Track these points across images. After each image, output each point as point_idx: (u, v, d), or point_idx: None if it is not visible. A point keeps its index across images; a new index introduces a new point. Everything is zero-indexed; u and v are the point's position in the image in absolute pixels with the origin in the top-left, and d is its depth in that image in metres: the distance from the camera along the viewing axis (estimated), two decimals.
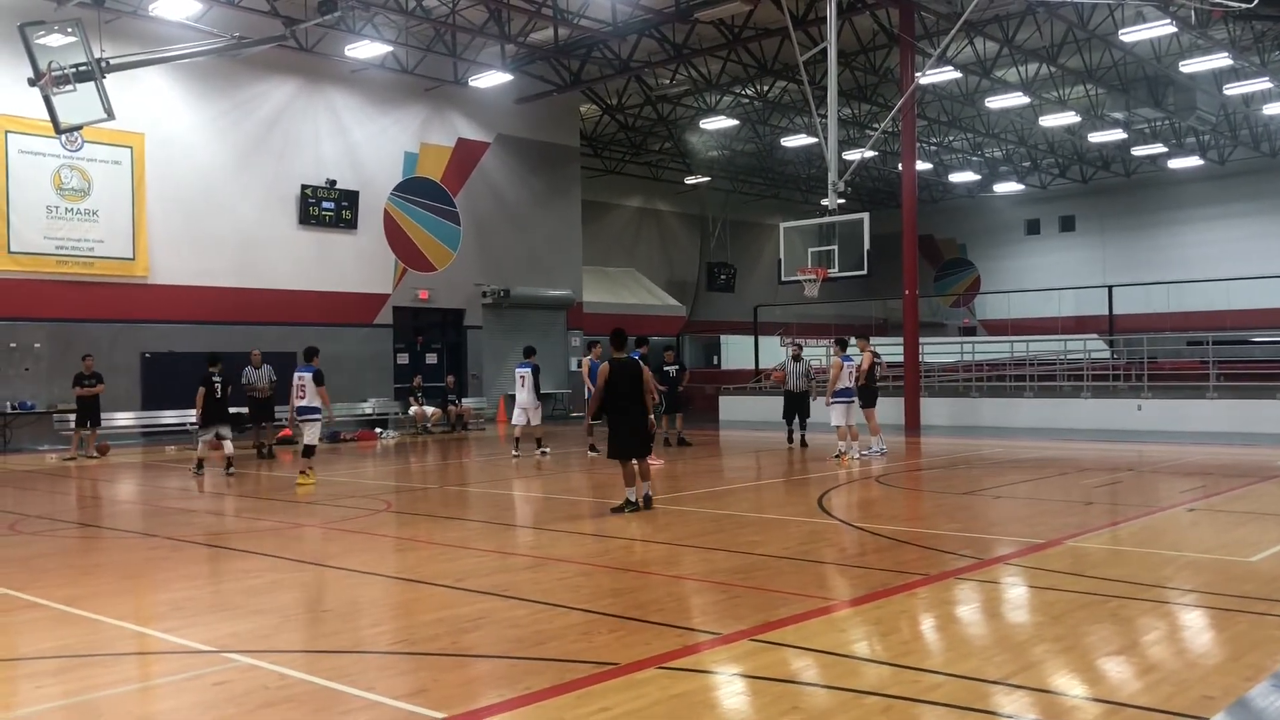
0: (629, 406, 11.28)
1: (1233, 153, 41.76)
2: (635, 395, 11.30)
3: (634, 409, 11.30)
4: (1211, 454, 17.52)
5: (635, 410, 11.31)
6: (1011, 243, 51.32)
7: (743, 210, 48.90)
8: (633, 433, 11.26)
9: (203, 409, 16.68)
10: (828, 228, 20.95)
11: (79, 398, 20.01)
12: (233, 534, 10.60)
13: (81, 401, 19.97)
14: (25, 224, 21.97)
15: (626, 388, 11.25)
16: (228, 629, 6.66)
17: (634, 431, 11.27)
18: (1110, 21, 26.45)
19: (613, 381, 11.25)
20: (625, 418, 11.29)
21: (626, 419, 11.28)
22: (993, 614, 7.11)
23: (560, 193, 33.18)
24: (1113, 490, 13.49)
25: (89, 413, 20.03)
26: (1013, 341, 30.45)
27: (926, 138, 39.49)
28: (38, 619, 7.13)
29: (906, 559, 8.75)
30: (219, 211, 24.92)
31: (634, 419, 11.29)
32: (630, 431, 11.25)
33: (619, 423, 11.31)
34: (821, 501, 12.36)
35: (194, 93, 24.66)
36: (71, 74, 15.34)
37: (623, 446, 11.29)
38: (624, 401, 11.26)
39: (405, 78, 28.28)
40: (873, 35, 28.17)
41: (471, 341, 30.43)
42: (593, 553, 9.35)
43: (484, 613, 6.97)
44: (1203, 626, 6.61)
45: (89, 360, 20.35)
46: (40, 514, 12.91)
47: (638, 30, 26.30)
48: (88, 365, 20.24)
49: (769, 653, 5.95)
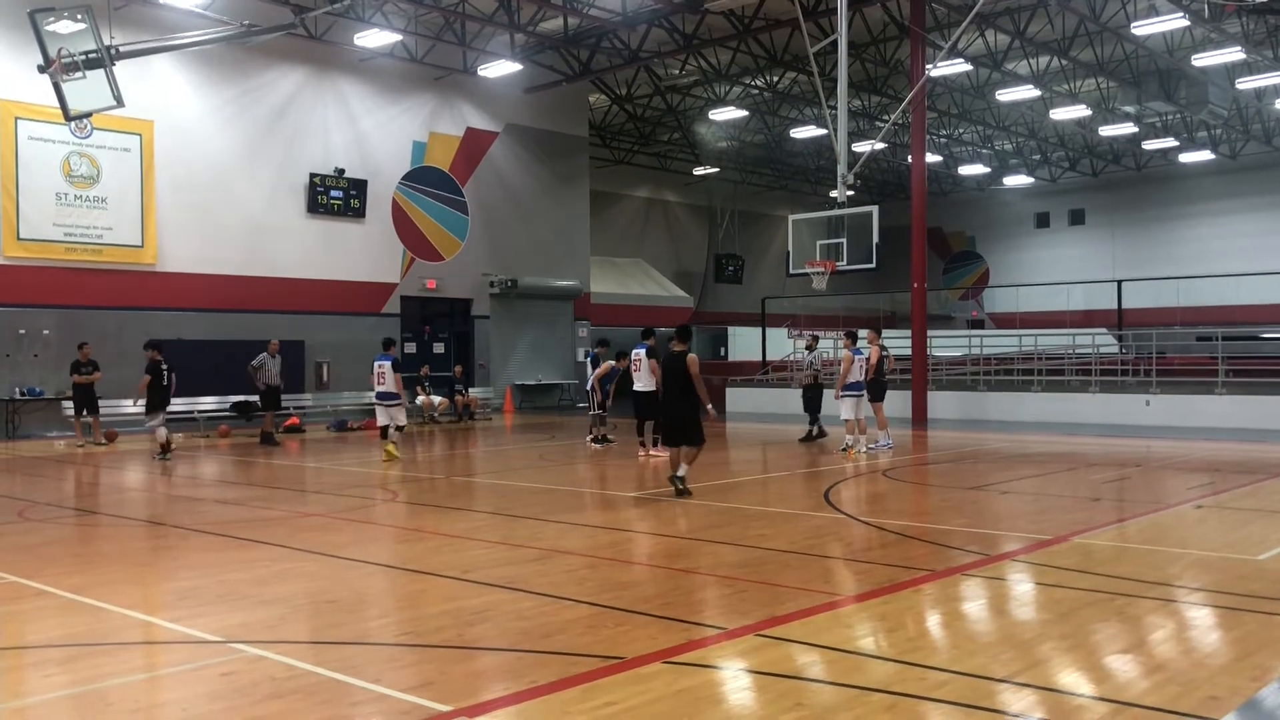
0: (678, 397, 12.22)
1: (1244, 147, 41.57)
2: (685, 387, 12.10)
3: (682, 400, 12.16)
4: (1220, 450, 17.47)
5: (684, 401, 12.16)
6: (1021, 236, 51.18)
7: (751, 202, 48.82)
8: (681, 421, 12.18)
9: (152, 395, 17.33)
10: (836, 220, 20.89)
11: (76, 385, 20.08)
12: (240, 523, 10.62)
13: (79, 389, 20.03)
14: (34, 211, 22.00)
15: (673, 380, 12.23)
16: (235, 619, 6.68)
17: (682, 420, 12.17)
18: (1123, 14, 26.31)
19: (666, 372, 12.49)
20: (674, 407, 12.30)
21: (674, 409, 12.30)
22: (999, 611, 7.10)
23: (568, 183, 33.15)
24: (1120, 486, 13.46)
25: (86, 400, 20.09)
26: (1021, 335, 30.37)
27: (936, 130, 39.37)
28: (45, 607, 7.16)
29: (913, 554, 8.74)
30: (227, 199, 24.94)
31: (682, 409, 12.17)
32: (680, 420, 12.20)
33: (671, 411, 12.41)
34: (828, 495, 12.36)
35: (203, 80, 24.66)
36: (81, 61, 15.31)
37: (673, 434, 12.35)
38: (674, 392, 12.31)
39: (414, 66, 28.25)
40: (883, 27, 28.07)
41: (479, 331, 30.45)
42: (599, 545, 9.35)
43: (490, 605, 6.98)
44: (1210, 625, 6.59)
45: (86, 348, 20.38)
46: (48, 501, 12.96)
47: (648, 20, 26.23)
48: (84, 353, 20.28)
49: (774, 648, 5.95)
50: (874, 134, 33.98)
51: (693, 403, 12.16)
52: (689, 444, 12.15)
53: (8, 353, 21.81)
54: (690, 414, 12.15)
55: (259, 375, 20.35)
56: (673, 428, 12.34)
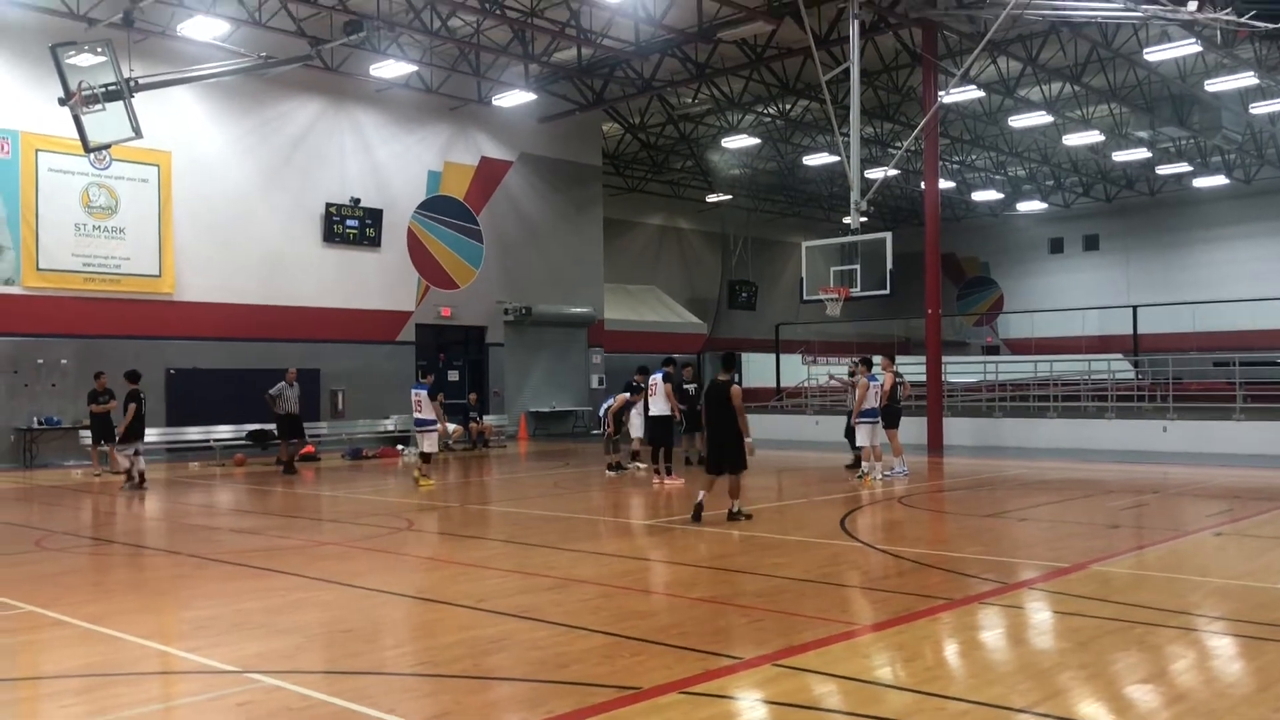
0: (720, 425, 12.27)
1: (1259, 171, 41.48)
2: (727, 415, 12.13)
3: (724, 427, 12.19)
4: (1239, 476, 17.34)
5: (726, 428, 12.18)
6: (1035, 261, 51.10)
7: (764, 228, 48.92)
8: (722, 449, 12.25)
9: (132, 424, 17.82)
10: (850, 246, 20.90)
11: (93, 414, 20.16)
12: (256, 552, 10.64)
13: (96, 418, 20.13)
14: (54, 241, 22.21)
15: (714, 408, 12.31)
16: (251, 648, 6.68)
17: (723, 448, 12.24)
18: (1134, 41, 26.36)
19: (707, 400, 12.63)
20: (712, 435, 12.46)
21: (716, 436, 12.37)
22: (1017, 640, 7.05)
23: (582, 211, 33.30)
24: (1138, 513, 13.37)
25: (104, 429, 20.19)
26: (1036, 361, 30.25)
27: (949, 156, 39.43)
28: (62, 637, 7.18)
29: (930, 583, 8.69)
30: (244, 229, 25.13)
31: (722, 436, 12.23)
32: (721, 448, 12.27)
33: (710, 438, 12.53)
34: (844, 523, 12.31)
35: (221, 111, 24.91)
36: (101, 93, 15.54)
37: (712, 461, 12.44)
38: (716, 420, 12.34)
39: (429, 97, 28.48)
40: (895, 54, 28.18)
41: (493, 358, 30.52)
42: (614, 574, 9.33)
43: (506, 634, 6.97)
44: (1231, 655, 6.53)
45: (102, 378, 20.36)
46: (65, 530, 13.02)
47: (660, 50, 26.40)
48: (101, 383, 20.27)
49: (791, 678, 5.92)
50: (887, 160, 34.06)
51: (735, 431, 12.15)
52: (730, 471, 12.21)
53: (26, 382, 21.96)
54: (732, 441, 12.16)
55: (277, 404, 20.41)
56: (714, 454, 12.39)
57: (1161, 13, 18.15)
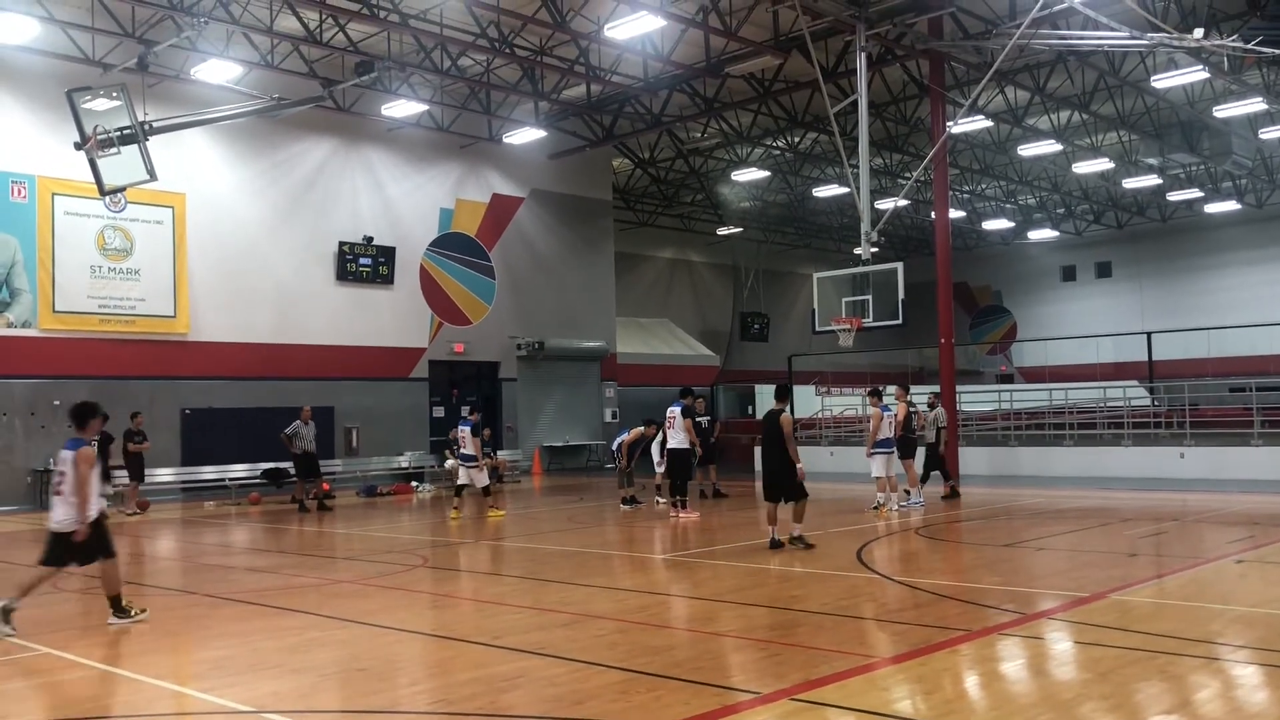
0: (772, 452, 12.73)
1: (1270, 196, 41.40)
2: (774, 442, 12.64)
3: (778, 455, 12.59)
4: (1258, 503, 17.17)
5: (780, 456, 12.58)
6: (1047, 289, 51.00)
7: (775, 260, 48.99)
8: (774, 475, 12.69)
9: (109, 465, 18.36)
10: (861, 277, 20.89)
11: (130, 454, 20.23)
12: (271, 591, 10.62)
13: (132, 458, 20.25)
14: (70, 284, 22.38)
15: (768, 436, 12.77)
16: (266, 688, 6.66)
17: (774, 475, 12.67)
18: (1142, 68, 26.42)
19: (764, 430, 12.99)
20: (766, 462, 12.93)
21: (766, 463, 12.90)
22: (1038, 671, 6.98)
23: (593, 245, 33.43)
24: (1157, 541, 13.26)
25: (138, 469, 20.39)
26: (1051, 389, 30.12)
27: (959, 186, 39.48)
28: (78, 679, 7.17)
29: (948, 614, 8.62)
30: (258, 269, 25.30)
31: (774, 463, 12.68)
32: (772, 475, 12.72)
33: (763, 467, 13.03)
34: (861, 554, 12.23)
35: (234, 153, 25.15)
36: (116, 137, 15.68)
37: (768, 487, 12.85)
38: (769, 448, 12.82)
39: (441, 135, 28.71)
40: (903, 86, 28.30)
41: (506, 394, 30.55)
42: (630, 609, 9.28)
43: (521, 671, 6.93)
44: (1256, 684, 6.45)
45: (139, 418, 20.68)
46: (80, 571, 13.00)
47: (669, 86, 26.59)
48: (138, 422, 20.54)
49: (810, 712, 5.86)
50: (896, 191, 34.10)
51: (788, 458, 12.49)
52: (789, 498, 12.57)
53: (42, 424, 22.05)
54: (787, 469, 12.47)
55: (294, 442, 20.49)
56: (770, 483, 12.77)
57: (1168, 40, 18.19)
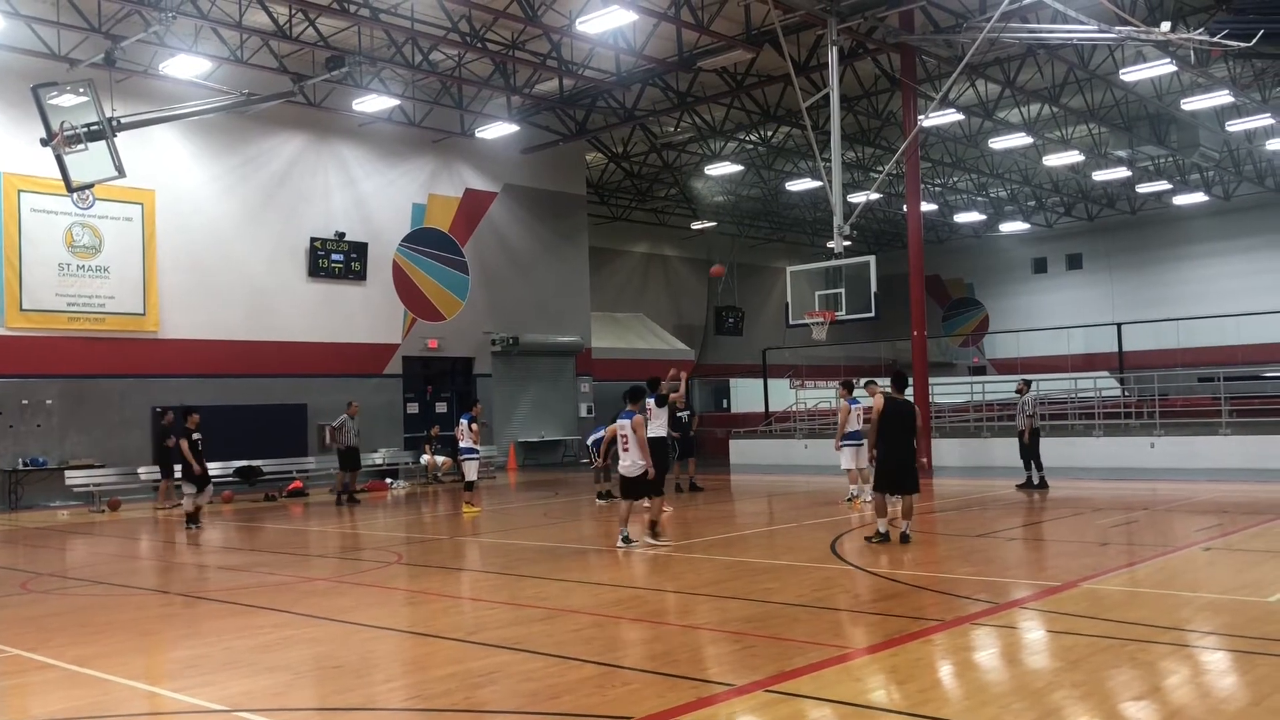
0: (904, 441, 12.13)
1: (1237, 188, 41.85)
2: (909, 431, 12.14)
3: (906, 444, 12.13)
4: (1226, 491, 17.39)
5: (907, 445, 12.14)
6: (1019, 281, 51.35)
7: (749, 254, 49.04)
8: (904, 465, 12.07)
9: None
10: (834, 271, 20.99)
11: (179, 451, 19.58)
12: (244, 589, 10.56)
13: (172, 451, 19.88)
14: (37, 282, 22.13)
15: (899, 426, 12.08)
16: (240, 687, 6.62)
17: (905, 465, 12.08)
18: (1111, 61, 26.63)
19: (886, 418, 12.14)
20: (894, 452, 12.13)
21: (895, 453, 12.12)
22: (1010, 660, 7.04)
23: (567, 240, 33.37)
24: (1128, 530, 13.39)
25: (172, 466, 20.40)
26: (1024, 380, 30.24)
27: (931, 179, 39.65)
28: (48, 680, 7.10)
29: (922, 605, 8.68)
30: (229, 265, 25.09)
31: (904, 453, 12.11)
32: (902, 464, 12.07)
33: (888, 456, 12.17)
34: (834, 546, 12.29)
35: (204, 149, 24.93)
36: (83, 133, 15.52)
37: (887, 479, 12.19)
38: (896, 437, 12.11)
39: (413, 130, 28.57)
40: (874, 80, 28.40)
41: (481, 389, 30.45)
42: (606, 603, 9.29)
43: (497, 666, 6.93)
44: (1224, 669, 6.54)
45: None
46: (51, 572, 12.89)
47: (642, 80, 26.56)
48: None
49: (785, 704, 5.89)
50: (869, 185, 34.23)
51: (914, 450, 12.19)
52: (908, 491, 12.11)
53: (11, 424, 21.81)
54: (914, 460, 12.20)
55: (339, 436, 20.64)
56: (900, 473, 12.12)
57: (1136, 34, 18.36)
